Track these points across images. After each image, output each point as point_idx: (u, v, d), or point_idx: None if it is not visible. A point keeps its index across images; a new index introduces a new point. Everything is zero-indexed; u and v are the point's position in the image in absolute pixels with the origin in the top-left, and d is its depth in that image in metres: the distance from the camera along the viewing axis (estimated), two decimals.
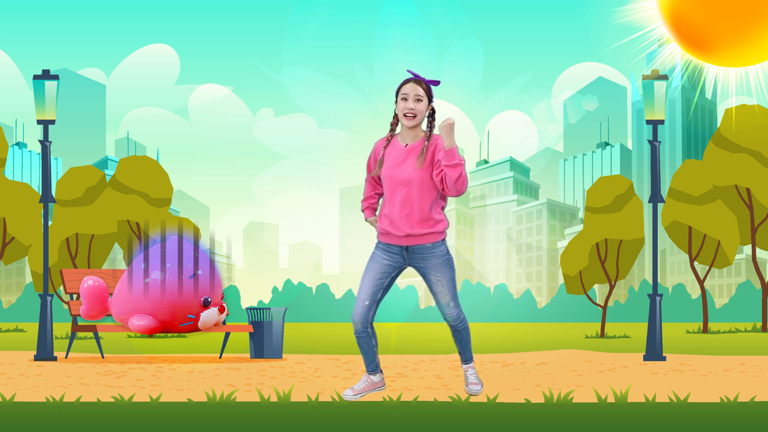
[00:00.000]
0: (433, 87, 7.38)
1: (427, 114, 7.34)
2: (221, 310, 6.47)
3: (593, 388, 8.27)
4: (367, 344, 7.58)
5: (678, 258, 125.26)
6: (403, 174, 7.23)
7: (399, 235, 7.29)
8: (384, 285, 7.47)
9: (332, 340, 24.87)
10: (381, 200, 7.60)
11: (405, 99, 7.31)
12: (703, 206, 29.86)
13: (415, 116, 7.28)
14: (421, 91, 7.30)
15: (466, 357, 7.78)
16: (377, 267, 7.43)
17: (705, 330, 30.18)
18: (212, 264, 6.47)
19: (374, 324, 7.61)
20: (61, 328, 26.47)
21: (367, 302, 7.45)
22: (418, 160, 7.20)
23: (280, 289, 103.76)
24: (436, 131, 7.43)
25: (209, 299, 6.43)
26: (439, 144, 7.22)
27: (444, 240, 7.43)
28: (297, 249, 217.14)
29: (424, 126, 7.38)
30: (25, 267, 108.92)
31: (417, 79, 7.35)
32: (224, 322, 13.82)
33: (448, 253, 7.51)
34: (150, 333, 6.28)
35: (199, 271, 6.39)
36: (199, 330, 6.38)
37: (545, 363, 12.15)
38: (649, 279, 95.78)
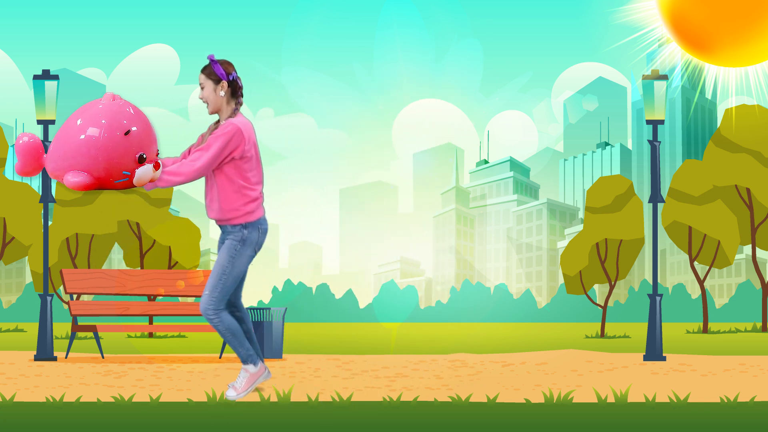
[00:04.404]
0: (223, 65, 7.00)
1: (222, 92, 7.02)
2: (156, 166, 6.46)
3: (593, 388, 8.27)
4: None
5: (678, 258, 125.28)
6: None
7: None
8: None
9: (332, 340, 24.87)
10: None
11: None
12: (703, 206, 29.86)
13: (207, 103, 7.07)
14: (201, 78, 7.07)
15: (239, 356, 7.26)
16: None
17: (705, 330, 30.18)
18: (147, 121, 6.48)
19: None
20: (61, 328, 26.47)
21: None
22: (199, 145, 6.99)
23: (280, 289, 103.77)
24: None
25: (144, 156, 6.43)
26: (217, 131, 6.94)
27: (242, 225, 6.99)
28: (297, 249, 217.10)
29: (229, 111, 7.03)
30: (25, 267, 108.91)
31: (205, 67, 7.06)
32: None
33: (241, 240, 7.03)
34: (85, 189, 6.26)
35: (134, 128, 6.37)
36: (134, 186, 6.38)
37: (545, 363, 12.15)
38: (649, 279, 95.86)
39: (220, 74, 6.96)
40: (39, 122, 13.73)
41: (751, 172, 29.65)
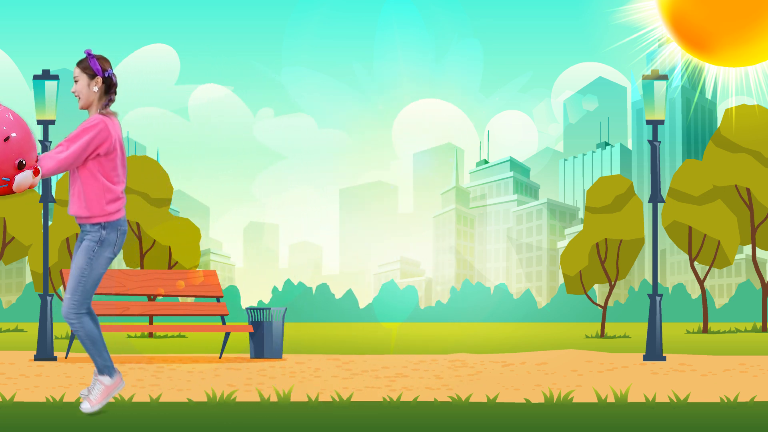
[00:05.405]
0: (96, 64, 6.84)
1: (96, 88, 6.89)
2: (35, 172, 6.46)
3: (593, 388, 8.28)
4: None
5: (678, 258, 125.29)
6: None
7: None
8: None
9: (332, 340, 24.87)
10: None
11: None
12: (703, 206, 29.86)
13: (79, 98, 6.95)
14: (76, 72, 6.95)
15: (96, 365, 7.01)
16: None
17: (705, 330, 30.17)
18: (27, 127, 6.46)
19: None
20: (61, 328, 26.48)
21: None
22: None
23: (280, 289, 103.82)
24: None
25: (24, 162, 6.42)
26: (83, 123, 6.84)
27: (100, 225, 6.85)
28: (297, 249, 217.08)
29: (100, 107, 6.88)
30: (25, 267, 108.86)
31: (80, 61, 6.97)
32: (224, 322, 13.84)
33: (99, 240, 6.88)
34: None
35: (13, 134, 6.36)
36: (13, 192, 6.37)
37: (545, 363, 12.15)
38: (649, 279, 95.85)
39: (96, 69, 6.87)
40: (39, 122, 13.74)
41: (751, 172, 29.65)
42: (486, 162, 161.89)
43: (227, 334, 13.87)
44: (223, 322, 13.84)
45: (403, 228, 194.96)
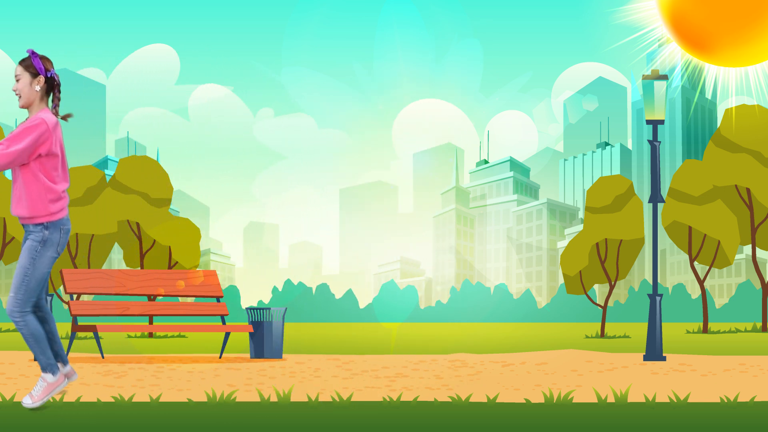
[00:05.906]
0: (38, 60, 6.86)
1: (38, 87, 6.86)
2: None
3: (593, 388, 8.28)
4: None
5: (678, 258, 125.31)
6: None
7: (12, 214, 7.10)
8: None
9: (332, 340, 24.88)
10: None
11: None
12: (703, 206, 29.87)
13: (20, 96, 6.92)
14: (18, 70, 6.94)
15: (39, 363, 7.05)
16: None
17: (705, 330, 30.18)
18: None
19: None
20: (61, 328, 26.48)
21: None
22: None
23: (280, 289, 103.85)
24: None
25: None
26: (25, 123, 6.83)
27: (43, 225, 6.83)
28: (297, 249, 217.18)
29: (46, 103, 6.86)
30: None
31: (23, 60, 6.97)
32: (224, 322, 13.84)
33: (42, 240, 6.87)
34: None
35: None
36: None
37: (545, 363, 12.15)
38: (649, 279, 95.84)
39: (39, 68, 6.85)
40: None
41: (751, 172, 29.66)
42: (486, 162, 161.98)
43: (227, 334, 13.87)
44: (223, 322, 13.85)
45: (403, 228, 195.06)
